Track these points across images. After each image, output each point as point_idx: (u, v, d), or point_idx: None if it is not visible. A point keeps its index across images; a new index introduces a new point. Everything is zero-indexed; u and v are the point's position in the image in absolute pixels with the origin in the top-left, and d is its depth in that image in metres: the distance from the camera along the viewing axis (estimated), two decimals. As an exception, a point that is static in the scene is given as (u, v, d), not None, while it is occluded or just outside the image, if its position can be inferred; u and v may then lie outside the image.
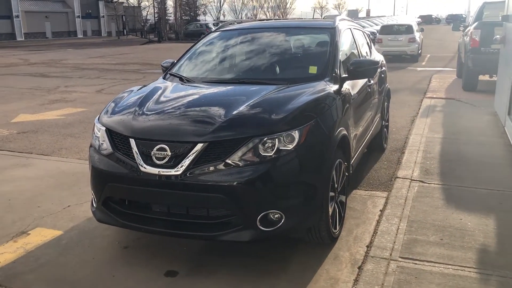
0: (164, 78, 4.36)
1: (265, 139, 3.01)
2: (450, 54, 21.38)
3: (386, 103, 6.09)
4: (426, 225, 3.85)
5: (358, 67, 4.03)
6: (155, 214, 3.21)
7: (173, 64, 4.60)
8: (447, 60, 19.04)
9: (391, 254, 3.40)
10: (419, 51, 20.40)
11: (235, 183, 2.93)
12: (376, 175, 5.27)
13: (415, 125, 7.43)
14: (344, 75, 4.03)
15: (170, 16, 60.35)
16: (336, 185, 3.55)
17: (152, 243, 3.67)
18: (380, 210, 4.23)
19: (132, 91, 3.97)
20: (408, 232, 3.73)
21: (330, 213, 3.41)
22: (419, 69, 16.65)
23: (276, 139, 3.02)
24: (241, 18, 65.46)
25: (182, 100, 3.57)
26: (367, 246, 3.57)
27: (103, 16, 66.03)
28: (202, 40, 4.87)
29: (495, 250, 3.44)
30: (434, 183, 4.79)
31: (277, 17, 64.49)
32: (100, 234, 3.83)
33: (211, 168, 2.96)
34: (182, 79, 4.19)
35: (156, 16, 56.39)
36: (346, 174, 3.81)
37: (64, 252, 3.56)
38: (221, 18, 64.83)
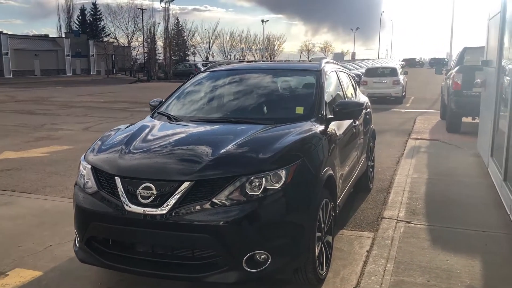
0: (152, 116, 4.38)
1: (252, 178, 3.01)
2: (433, 96, 21.88)
3: (371, 144, 6.17)
4: (412, 267, 3.83)
5: (344, 108, 4.11)
6: (139, 255, 3.15)
7: (161, 103, 4.64)
8: (430, 102, 19.47)
9: (378, 296, 3.36)
10: (404, 93, 20.86)
11: (221, 222, 2.91)
12: (363, 215, 5.27)
13: (400, 166, 7.51)
14: (330, 116, 4.10)
15: (159, 56, 61.20)
16: (322, 225, 3.54)
17: (136, 283, 3.58)
18: (367, 251, 4.21)
19: (119, 129, 3.98)
20: (395, 274, 3.71)
21: (317, 253, 3.38)
22: (403, 110, 16.96)
23: (263, 178, 3.03)
24: (230, 59, 66.65)
25: (169, 138, 3.58)
26: (354, 288, 3.53)
27: (93, 55, 66.75)
28: (190, 80, 4.94)
29: (482, 292, 3.42)
30: (420, 224, 4.80)
31: (265, 59, 65.83)
32: (82, 275, 3.73)
33: (197, 208, 2.95)
34: (170, 117, 4.21)
35: (145, 55, 57.12)
36: (333, 214, 3.81)
37: (43, 294, 3.46)
38: (210, 58, 65.92)
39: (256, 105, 4.31)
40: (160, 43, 59.05)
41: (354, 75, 27.88)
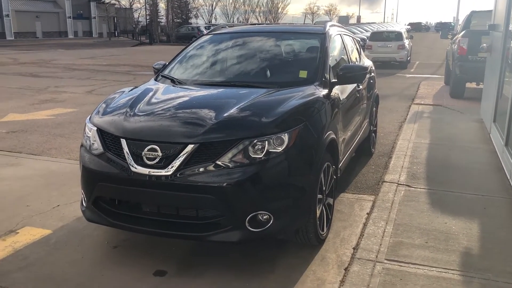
0: (155, 79, 4.39)
1: (255, 141, 3.06)
2: (438, 61, 21.66)
3: (374, 108, 6.18)
4: (411, 229, 3.92)
5: (348, 73, 4.10)
6: (145, 214, 3.24)
7: (164, 66, 4.64)
8: (435, 67, 19.29)
9: (377, 256, 3.47)
10: (408, 58, 20.64)
11: (225, 184, 2.97)
12: (364, 179, 5.34)
13: (403, 131, 7.54)
14: (333, 80, 4.10)
15: (162, 19, 60.29)
16: (324, 188, 3.61)
17: (142, 243, 3.70)
18: (367, 213, 4.30)
19: (123, 92, 4.00)
20: (394, 235, 3.80)
21: (318, 215, 3.46)
22: (408, 75, 16.83)
23: (266, 142, 3.07)
24: (233, 21, 65.60)
25: (173, 102, 3.61)
26: (354, 248, 3.63)
27: (95, 17, 65.82)
28: (193, 43, 4.92)
29: (478, 253, 3.52)
30: (420, 188, 4.88)
31: (268, 22, 64.75)
32: (90, 234, 3.85)
33: (201, 169, 3.01)
34: (173, 81, 4.23)
35: (147, 18, 56.29)
36: (334, 177, 3.87)
37: (53, 251, 3.58)
38: (213, 21, 64.90)
39: (259, 68, 4.31)
40: (162, 5, 58.10)
41: (359, 39, 27.57)
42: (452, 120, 8.36)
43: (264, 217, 3.09)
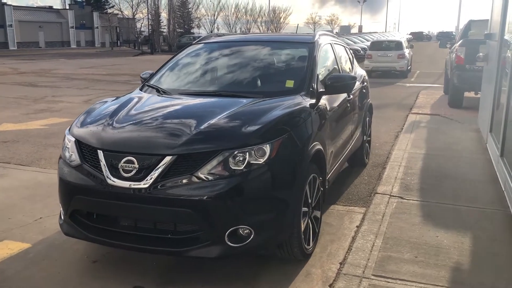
0: (141, 89, 4.31)
1: (235, 153, 2.96)
2: (439, 70, 21.54)
3: (368, 118, 6.08)
4: (401, 242, 3.80)
5: (336, 82, 4.01)
6: (122, 228, 3.13)
7: (151, 76, 4.56)
8: (436, 77, 19.20)
9: (364, 272, 3.35)
10: (409, 67, 20.57)
11: (203, 197, 2.87)
12: (356, 190, 5.23)
13: (399, 141, 7.43)
14: (321, 90, 4.01)
15: (164, 29, 60.56)
16: (310, 200, 3.50)
17: (123, 257, 3.59)
18: (357, 226, 4.18)
19: (106, 102, 3.92)
20: (383, 249, 3.68)
21: (302, 229, 3.35)
22: (407, 85, 16.76)
23: (247, 153, 2.98)
24: (236, 31, 65.78)
25: (155, 112, 3.52)
26: (340, 263, 3.51)
27: (97, 27, 66.21)
28: (181, 52, 4.85)
29: (469, 268, 3.40)
30: (413, 200, 4.76)
31: (270, 31, 64.91)
32: (70, 248, 3.74)
33: (179, 182, 2.91)
34: (158, 90, 4.15)
35: (150, 28, 56.56)
36: (322, 189, 3.76)
37: (30, 265, 3.47)
38: (215, 31, 65.14)
39: (245, 78, 4.22)
40: (164, 15, 58.39)
41: (360, 48, 27.49)
42: (449, 129, 8.25)
43: (245, 231, 2.99)
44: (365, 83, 6.03)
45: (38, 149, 7.01)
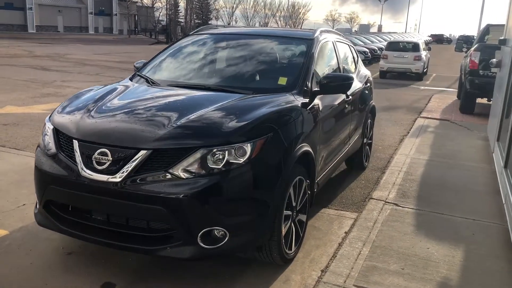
0: (130, 78, 4.20)
1: (214, 150, 2.82)
2: (456, 74, 21.10)
3: (369, 121, 5.89)
4: (389, 252, 3.64)
5: (331, 82, 3.85)
6: (94, 222, 3.02)
7: (144, 65, 4.44)
8: (452, 81, 18.83)
9: (345, 281, 3.20)
10: (425, 70, 20.21)
11: (177, 195, 2.74)
12: (350, 194, 5.07)
13: (403, 145, 7.22)
14: (315, 89, 3.85)
15: (182, 19, 60.52)
16: (294, 204, 3.36)
17: (99, 250, 3.48)
18: (345, 232, 4.03)
19: (91, 90, 3.82)
20: (369, 258, 3.53)
21: (284, 233, 3.21)
22: (422, 87, 16.45)
23: (226, 151, 2.84)
24: (254, 25, 65.47)
25: (137, 103, 3.39)
26: (322, 271, 3.37)
27: (116, 14, 66.40)
28: (176, 43, 4.72)
29: (457, 284, 3.22)
30: (408, 207, 4.59)
31: (288, 26, 64.49)
32: (47, 238, 3.65)
33: (153, 178, 2.78)
34: (148, 80, 4.02)
35: (167, 17, 56.56)
36: (309, 192, 3.61)
37: (2, 254, 3.39)
38: (233, 23, 64.91)
39: (237, 73, 4.08)
40: (183, 5, 58.32)
41: (377, 48, 27.04)
42: (457, 136, 8.01)
43: (219, 233, 2.86)
44: (369, 84, 5.83)
45: (36, 134, 6.95)
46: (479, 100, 10.46)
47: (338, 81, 3.87)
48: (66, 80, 13.78)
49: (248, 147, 2.89)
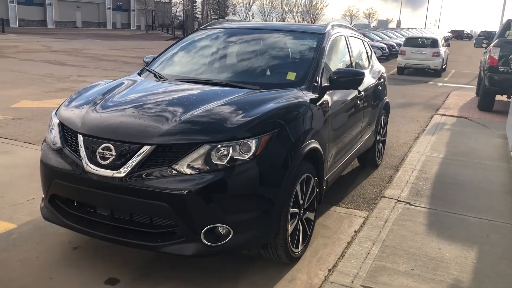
0: (139, 73, 4.17)
1: (218, 146, 2.78)
2: (476, 71, 20.72)
3: (383, 117, 5.77)
4: (399, 252, 3.56)
5: (341, 77, 3.76)
6: (99, 218, 3.00)
7: (153, 59, 4.41)
8: (471, 77, 18.47)
9: (352, 281, 3.13)
10: (443, 66, 19.87)
11: (180, 191, 2.70)
12: (362, 192, 4.97)
13: (418, 142, 7.09)
14: (325, 84, 3.77)
15: (199, 14, 60.60)
16: (301, 201, 3.29)
17: (105, 246, 3.46)
18: (355, 231, 3.95)
19: (99, 84, 3.80)
20: (378, 258, 3.45)
21: (290, 231, 3.15)
22: (440, 84, 16.18)
23: (231, 147, 2.79)
24: (271, 20, 65.23)
25: (142, 98, 3.36)
26: (329, 270, 3.30)
27: (133, 10, 66.78)
28: (185, 38, 4.68)
29: (467, 287, 3.13)
30: (420, 206, 4.48)
31: (305, 22, 64.09)
32: (54, 232, 3.65)
33: (157, 174, 2.75)
34: (156, 75, 3.99)
35: (184, 12, 56.71)
36: (317, 189, 3.54)
37: (9, 247, 3.40)
38: (249, 19, 64.76)
39: (246, 67, 4.02)
40: (200, 0, 58.39)
41: (395, 44, 26.65)
42: (474, 134, 7.83)
43: (223, 230, 2.81)
44: (382, 80, 5.72)
45: (50, 128, 6.99)
46: (498, 97, 10.22)
47: (349, 76, 3.78)
48: (82, 75, 13.89)
49: (253, 143, 2.83)
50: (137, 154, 2.77)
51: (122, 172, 2.77)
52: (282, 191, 2.99)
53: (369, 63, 5.46)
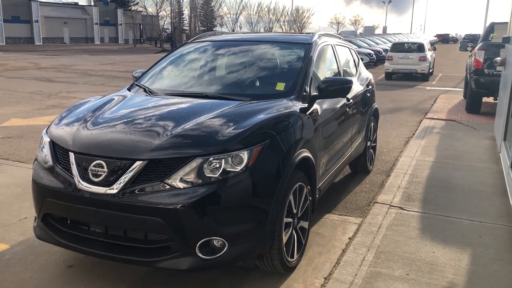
0: (128, 88, 4.18)
1: (210, 159, 2.79)
2: (462, 74, 20.95)
3: (372, 123, 5.82)
4: (394, 257, 3.58)
5: (330, 86, 3.80)
6: (92, 235, 2.99)
7: (142, 74, 4.43)
8: (458, 80, 18.68)
9: (348, 289, 3.14)
10: (430, 70, 20.08)
11: (174, 206, 2.71)
12: (355, 198, 5.00)
13: (408, 147, 7.14)
14: (314, 94, 3.80)
15: (186, 26, 60.80)
16: (295, 211, 3.31)
17: (100, 263, 3.45)
18: (349, 238, 3.97)
19: (89, 101, 3.80)
20: (373, 264, 3.46)
21: (285, 241, 3.16)
22: (428, 88, 16.34)
23: (223, 160, 2.80)
24: (259, 30, 65.62)
25: (132, 113, 3.36)
26: (325, 278, 3.31)
27: (121, 24, 66.90)
28: (174, 51, 4.70)
29: (463, 289, 3.16)
30: (413, 211, 4.51)
31: (293, 31, 64.54)
32: (47, 251, 3.63)
33: (150, 189, 2.75)
34: (145, 90, 4.00)
35: (172, 25, 56.87)
36: (310, 198, 3.56)
37: (2, 268, 3.37)
38: (237, 29, 65.09)
39: (234, 79, 4.05)
40: (187, 13, 58.61)
41: (382, 50, 26.90)
42: (463, 136, 7.91)
43: (218, 243, 2.81)
44: (370, 87, 5.77)
45: (40, 146, 6.96)
46: (485, 99, 10.35)
47: (337, 85, 3.82)
48: (71, 91, 13.85)
49: (244, 155, 2.85)
50: (129, 170, 2.77)
51: (114, 189, 2.77)
52: (276, 201, 3.00)
53: (356, 70, 5.51)
